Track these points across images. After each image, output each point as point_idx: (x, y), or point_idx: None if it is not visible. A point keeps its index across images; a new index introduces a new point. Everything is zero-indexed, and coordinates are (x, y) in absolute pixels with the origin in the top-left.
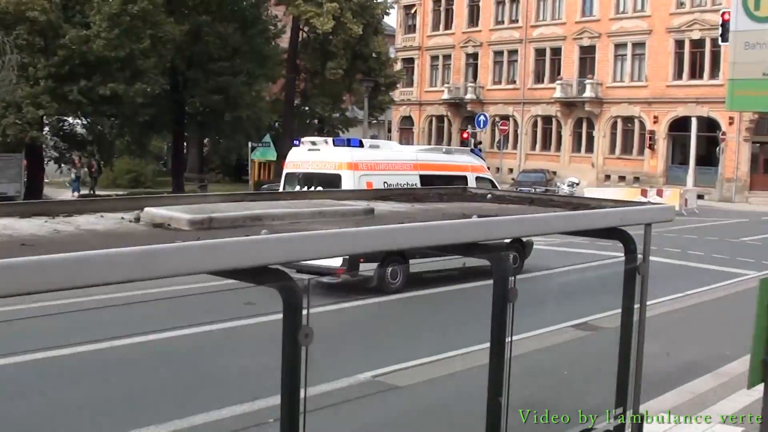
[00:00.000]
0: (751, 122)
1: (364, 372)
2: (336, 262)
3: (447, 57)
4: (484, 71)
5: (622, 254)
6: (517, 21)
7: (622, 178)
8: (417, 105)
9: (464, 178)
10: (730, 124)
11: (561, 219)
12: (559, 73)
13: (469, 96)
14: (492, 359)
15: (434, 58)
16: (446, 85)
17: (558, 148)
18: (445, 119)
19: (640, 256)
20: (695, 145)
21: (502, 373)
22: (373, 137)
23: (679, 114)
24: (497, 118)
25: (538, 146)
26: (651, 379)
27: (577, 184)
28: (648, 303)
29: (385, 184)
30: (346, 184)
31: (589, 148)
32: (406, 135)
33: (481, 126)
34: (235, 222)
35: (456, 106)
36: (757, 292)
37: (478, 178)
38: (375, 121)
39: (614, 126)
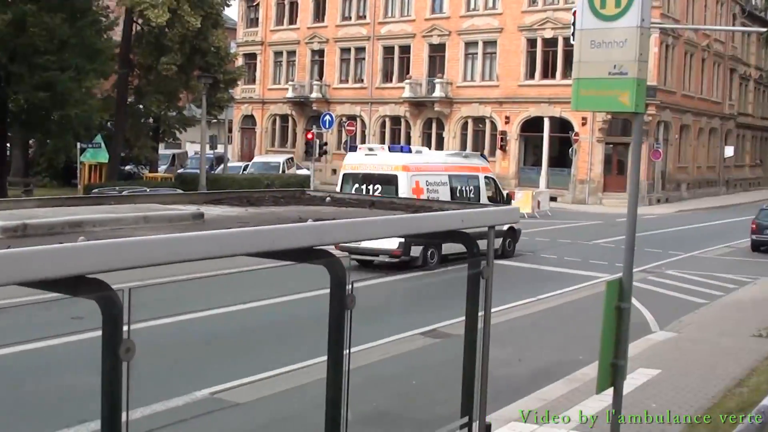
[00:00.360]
0: (604, 123)
1: (200, 389)
2: (393, 245)
3: (291, 53)
4: (330, 69)
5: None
6: (364, 17)
7: None
8: (260, 103)
9: (477, 177)
10: (583, 124)
11: (401, 222)
12: (408, 72)
13: (314, 95)
14: (330, 371)
15: (278, 54)
16: (291, 82)
17: None
18: (290, 119)
19: (484, 261)
20: (548, 146)
21: (340, 385)
22: (212, 138)
23: (531, 114)
24: (344, 118)
25: None
26: (502, 386)
27: None
28: (499, 308)
29: (427, 183)
30: (402, 182)
31: (439, 150)
32: (248, 135)
33: (327, 126)
34: (52, 228)
35: (301, 105)
36: (604, 295)
37: (486, 177)
38: (214, 121)
39: (465, 127)
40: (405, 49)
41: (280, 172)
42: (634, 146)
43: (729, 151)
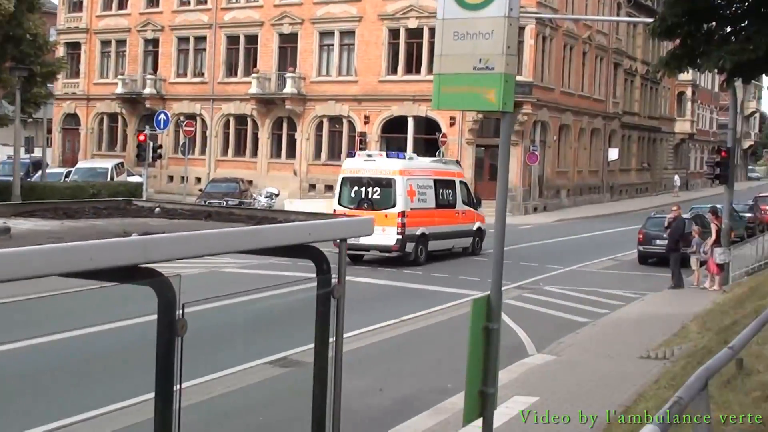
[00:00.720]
0: (474, 123)
1: None
2: (390, 240)
3: (121, 42)
4: (166, 61)
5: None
6: (205, 2)
7: (329, 188)
8: (84, 100)
9: (454, 182)
10: (452, 125)
11: (239, 235)
12: (255, 65)
13: (148, 90)
14: (157, 409)
15: (105, 43)
16: (120, 76)
17: (254, 153)
18: (120, 118)
19: (334, 278)
20: (412, 148)
21: (170, 425)
22: (28, 140)
23: (393, 113)
24: (182, 117)
25: (230, 151)
26: (360, 419)
27: (277, 195)
28: (357, 331)
29: (418, 186)
30: (399, 185)
31: (291, 153)
32: (70, 137)
33: (162, 126)
34: None
35: (132, 103)
36: (470, 315)
37: (461, 182)
38: (30, 120)
39: (320, 127)
40: (252, 39)
41: (108, 179)
42: (502, 149)
43: (613, 153)
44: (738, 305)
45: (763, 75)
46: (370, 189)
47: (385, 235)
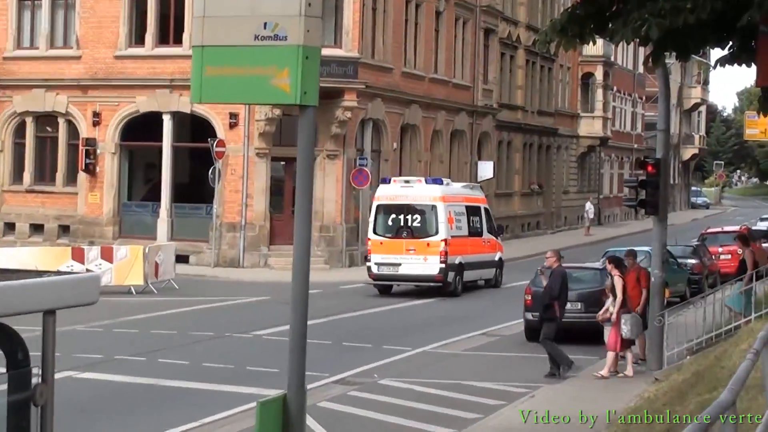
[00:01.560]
0: (268, 123)
1: None
2: (434, 270)
3: None
4: None
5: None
6: None
7: (37, 228)
8: None
9: (480, 209)
10: (233, 126)
11: None
12: None
13: None
14: None
15: None
16: None
17: None
18: None
19: (36, 370)
20: (171, 164)
21: None
22: None
23: (140, 109)
24: None
25: None
26: None
27: None
28: None
29: (455, 213)
30: (440, 212)
31: None
32: None
33: None
34: None
35: None
36: (256, 425)
37: (485, 209)
38: None
39: (20, 131)
40: None
41: None
42: (301, 164)
43: (485, 169)
44: (677, 400)
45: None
46: (409, 216)
47: (427, 264)
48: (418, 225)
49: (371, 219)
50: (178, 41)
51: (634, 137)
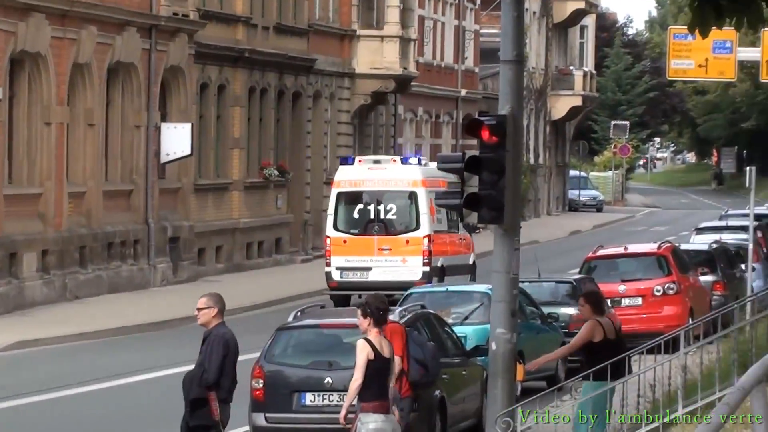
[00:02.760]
0: None
1: None
2: (415, 275)
3: None
4: None
5: None
6: None
7: None
8: None
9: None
10: None
11: None
12: None
13: None
14: None
15: None
16: None
17: None
18: None
19: None
20: None
21: None
22: None
23: None
24: None
25: None
26: None
27: None
28: None
29: (435, 202)
30: (421, 200)
31: None
32: None
33: None
34: None
35: None
36: None
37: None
38: None
39: None
40: None
41: None
42: None
43: (175, 138)
44: None
45: None
46: (381, 207)
47: (406, 267)
48: (393, 217)
49: (330, 211)
50: None
51: (461, 76)
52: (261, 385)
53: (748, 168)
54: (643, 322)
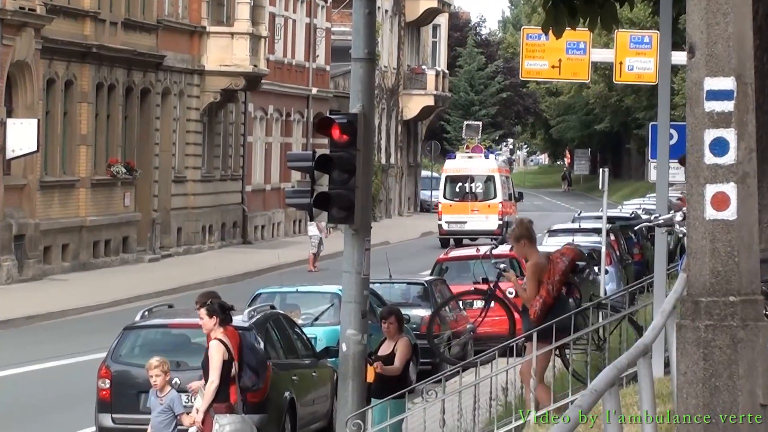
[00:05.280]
0: None
1: None
2: (493, 226)
3: None
4: None
5: None
6: None
7: None
8: None
9: (508, 178)
10: None
11: None
12: None
13: None
14: None
15: None
16: None
17: None
18: None
19: None
20: None
21: None
22: None
23: None
24: None
25: None
26: None
27: None
28: None
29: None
30: (498, 181)
31: None
32: None
33: None
34: None
35: None
36: None
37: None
38: None
39: None
40: None
41: None
42: None
43: (21, 134)
44: None
45: None
46: (473, 184)
47: (488, 221)
48: (480, 191)
49: (441, 187)
50: None
51: (312, 74)
52: (108, 386)
53: (601, 170)
54: (496, 325)
